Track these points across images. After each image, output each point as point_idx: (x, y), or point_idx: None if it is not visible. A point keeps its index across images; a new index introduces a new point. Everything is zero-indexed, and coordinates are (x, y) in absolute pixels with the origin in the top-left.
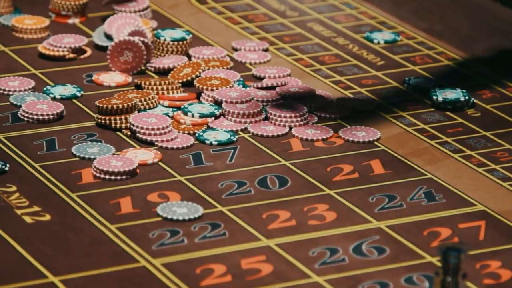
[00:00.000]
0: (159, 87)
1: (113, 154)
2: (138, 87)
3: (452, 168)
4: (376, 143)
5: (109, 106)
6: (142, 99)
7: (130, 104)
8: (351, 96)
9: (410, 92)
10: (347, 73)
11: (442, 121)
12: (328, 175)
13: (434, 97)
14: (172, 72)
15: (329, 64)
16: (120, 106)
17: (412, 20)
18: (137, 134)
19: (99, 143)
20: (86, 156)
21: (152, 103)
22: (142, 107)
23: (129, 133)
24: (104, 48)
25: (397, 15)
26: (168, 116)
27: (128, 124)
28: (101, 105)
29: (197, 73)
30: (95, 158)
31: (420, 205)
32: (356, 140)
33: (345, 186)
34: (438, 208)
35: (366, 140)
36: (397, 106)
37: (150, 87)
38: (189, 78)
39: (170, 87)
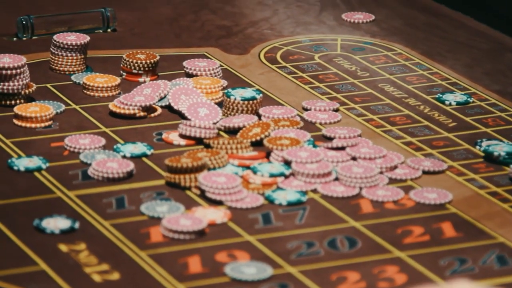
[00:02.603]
0: (229, 146)
1: (182, 213)
2: (208, 146)
3: None
4: (447, 205)
5: (179, 164)
6: (212, 157)
7: (199, 162)
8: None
9: (481, 155)
10: (418, 134)
11: None
12: (398, 237)
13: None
14: (241, 131)
15: (400, 125)
16: (190, 164)
17: (484, 82)
18: (206, 193)
19: (168, 202)
20: (155, 215)
21: (221, 162)
22: (211, 166)
23: (198, 192)
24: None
25: (469, 77)
26: (238, 175)
27: (198, 183)
28: (170, 164)
29: (266, 133)
30: (164, 217)
31: (492, 270)
32: (427, 202)
33: (415, 248)
34: (511, 273)
35: (438, 202)
36: (469, 168)
37: (219, 146)
38: (258, 137)
39: (239, 146)
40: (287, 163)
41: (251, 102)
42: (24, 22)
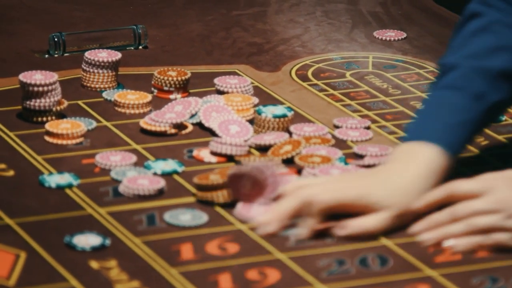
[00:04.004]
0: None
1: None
2: (239, 163)
3: None
4: None
5: (209, 182)
6: None
7: None
8: None
9: None
10: None
11: None
12: (430, 256)
13: None
14: (272, 148)
15: None
16: (220, 181)
17: None
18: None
19: (192, 211)
20: (179, 224)
21: None
22: None
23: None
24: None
25: None
26: None
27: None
28: (199, 182)
29: (298, 151)
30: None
31: None
32: None
33: (447, 267)
34: None
35: None
36: None
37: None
38: (289, 155)
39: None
40: None
41: (282, 119)
42: (56, 39)
